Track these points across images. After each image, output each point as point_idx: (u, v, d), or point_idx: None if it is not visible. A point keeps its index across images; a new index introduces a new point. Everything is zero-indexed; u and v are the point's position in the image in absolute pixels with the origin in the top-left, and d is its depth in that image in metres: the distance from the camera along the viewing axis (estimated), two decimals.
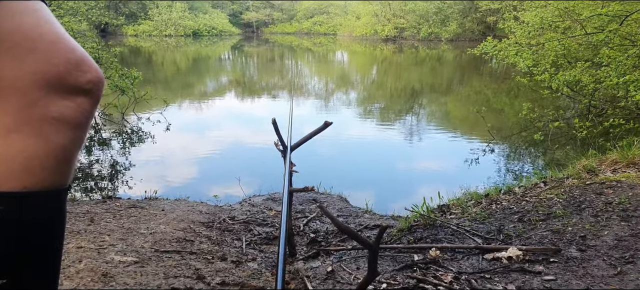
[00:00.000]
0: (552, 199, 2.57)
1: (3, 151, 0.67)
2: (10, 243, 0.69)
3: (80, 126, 0.75)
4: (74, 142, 0.75)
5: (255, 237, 2.72)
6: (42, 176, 0.71)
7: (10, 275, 0.69)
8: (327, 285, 1.84)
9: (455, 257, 2.01)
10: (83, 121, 0.75)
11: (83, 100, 0.74)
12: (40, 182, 0.71)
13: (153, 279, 1.80)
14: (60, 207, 0.77)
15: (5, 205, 0.67)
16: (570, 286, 1.60)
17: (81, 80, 0.73)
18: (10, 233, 0.69)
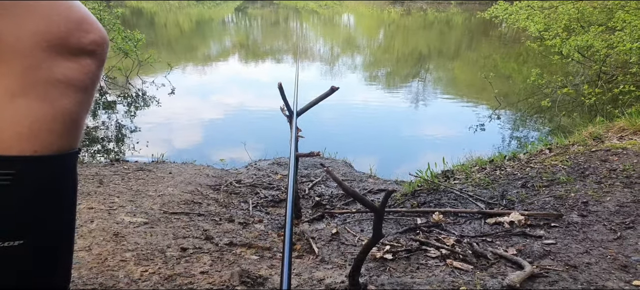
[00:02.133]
0: (557, 166, 2.59)
1: (10, 115, 0.69)
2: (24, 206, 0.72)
3: (86, 89, 0.75)
4: (80, 105, 0.76)
5: (261, 199, 2.78)
6: (51, 140, 0.72)
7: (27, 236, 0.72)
8: (331, 246, 1.90)
9: (458, 221, 2.06)
10: (88, 83, 0.76)
11: (87, 62, 0.74)
12: (49, 145, 0.72)
13: (163, 239, 1.87)
14: (71, 170, 0.80)
15: (17, 169, 0.70)
16: (569, 250, 1.64)
17: (84, 41, 0.73)
18: (24, 196, 0.71)
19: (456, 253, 1.67)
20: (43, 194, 0.74)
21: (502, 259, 1.62)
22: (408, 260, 1.66)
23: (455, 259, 1.63)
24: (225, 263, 1.68)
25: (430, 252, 1.70)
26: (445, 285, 1.41)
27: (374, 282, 1.44)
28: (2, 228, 0.69)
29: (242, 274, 1.50)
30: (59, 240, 0.79)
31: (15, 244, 0.70)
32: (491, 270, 1.55)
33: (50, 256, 0.76)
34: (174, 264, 1.64)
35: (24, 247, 0.71)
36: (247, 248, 1.91)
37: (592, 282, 1.40)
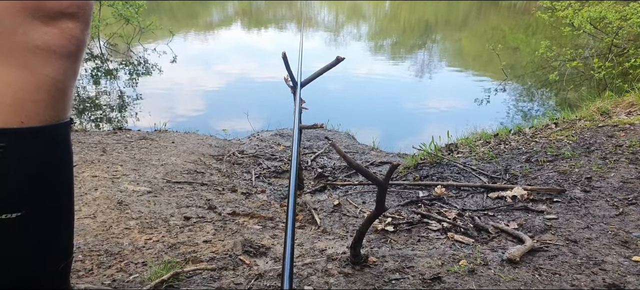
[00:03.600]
0: (562, 141, 2.59)
1: None
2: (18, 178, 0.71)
3: (70, 55, 0.72)
4: (65, 73, 0.72)
5: (264, 170, 2.80)
6: (37, 110, 0.70)
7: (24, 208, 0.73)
8: (333, 217, 1.93)
9: (460, 194, 2.08)
10: (72, 49, 0.72)
11: (69, 26, 0.70)
12: (36, 116, 0.70)
13: (166, 208, 1.90)
14: (62, 141, 0.78)
15: (5, 141, 0.68)
16: (570, 225, 1.67)
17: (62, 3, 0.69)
18: (16, 168, 0.70)
19: (457, 226, 1.70)
20: (36, 165, 0.73)
21: (503, 233, 1.64)
22: (409, 233, 1.69)
23: (456, 232, 1.65)
24: (228, 232, 1.71)
25: (431, 225, 1.73)
26: (445, 257, 1.44)
27: (375, 254, 1.47)
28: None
29: (244, 243, 1.53)
30: (57, 212, 0.79)
31: (13, 217, 0.70)
32: (492, 243, 1.58)
33: (49, 228, 0.77)
34: (178, 232, 1.67)
35: (23, 219, 0.71)
36: (250, 218, 1.94)
37: (591, 256, 1.42)
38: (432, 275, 1.31)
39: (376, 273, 1.33)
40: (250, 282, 1.27)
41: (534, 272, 1.34)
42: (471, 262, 1.39)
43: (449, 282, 1.28)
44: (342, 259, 1.41)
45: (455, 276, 1.32)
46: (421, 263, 1.39)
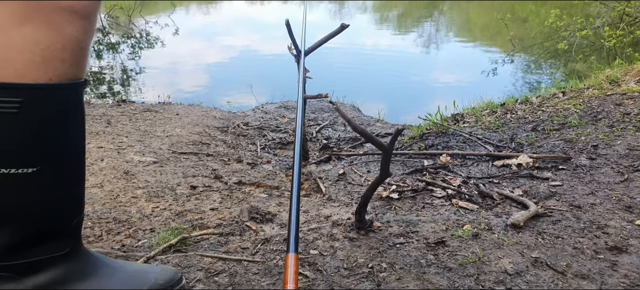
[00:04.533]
0: (569, 109, 2.59)
1: (20, 42, 0.71)
2: (37, 133, 0.76)
3: (88, 16, 0.78)
4: (85, 33, 0.78)
5: (269, 141, 2.83)
6: (63, 69, 0.76)
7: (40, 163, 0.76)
8: (338, 186, 1.96)
9: (465, 163, 2.10)
10: (91, 11, 0.78)
11: None
12: (62, 74, 0.76)
13: (172, 177, 1.93)
14: (80, 100, 0.84)
15: (32, 96, 0.73)
16: (575, 191, 1.68)
17: None
18: (36, 123, 0.75)
19: (462, 193, 1.72)
20: (55, 122, 0.78)
21: (508, 200, 1.66)
22: (414, 200, 1.72)
23: (460, 198, 1.68)
24: (235, 200, 1.75)
25: (436, 192, 1.75)
26: (450, 223, 1.46)
27: (380, 219, 1.50)
28: (15, 155, 0.73)
29: (251, 210, 1.56)
30: (71, 169, 0.83)
31: (28, 171, 0.74)
32: (496, 209, 1.60)
33: (63, 184, 0.81)
34: (184, 201, 1.71)
35: (38, 174, 0.75)
36: (256, 187, 1.97)
37: (595, 221, 1.44)
38: (436, 240, 1.33)
39: (380, 237, 1.36)
40: (256, 247, 1.31)
41: (537, 236, 1.37)
42: (475, 227, 1.41)
43: (452, 246, 1.31)
44: (347, 225, 1.44)
45: (459, 240, 1.34)
46: (425, 228, 1.42)
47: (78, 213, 0.86)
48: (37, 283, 0.79)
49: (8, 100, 0.71)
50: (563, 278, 1.15)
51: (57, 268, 0.81)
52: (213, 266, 1.19)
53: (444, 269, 1.19)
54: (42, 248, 0.79)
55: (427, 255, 1.26)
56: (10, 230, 0.76)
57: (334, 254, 1.27)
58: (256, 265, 1.21)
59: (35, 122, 0.74)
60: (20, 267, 0.78)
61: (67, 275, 0.83)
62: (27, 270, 0.79)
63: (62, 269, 0.82)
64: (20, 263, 0.77)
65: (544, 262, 1.22)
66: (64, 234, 0.82)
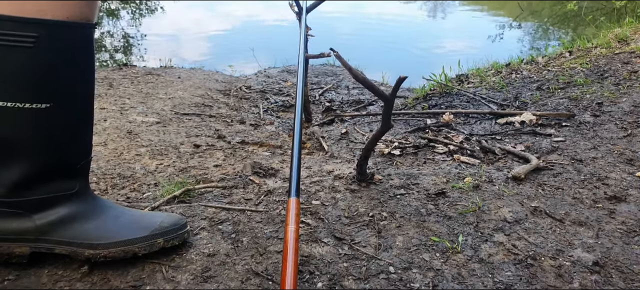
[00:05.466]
0: (575, 68, 2.58)
1: None
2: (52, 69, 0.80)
3: None
4: None
5: (271, 104, 2.84)
6: (79, 8, 0.80)
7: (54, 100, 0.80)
8: (341, 144, 1.99)
9: (468, 121, 2.11)
10: None
11: None
12: (78, 14, 0.80)
13: (175, 137, 1.96)
14: (91, 41, 0.88)
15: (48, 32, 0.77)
16: (577, 146, 1.70)
17: None
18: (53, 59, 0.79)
19: (464, 149, 1.74)
20: (69, 60, 0.82)
21: (510, 155, 1.68)
22: (415, 156, 1.74)
23: (462, 154, 1.70)
24: (238, 158, 1.78)
25: (437, 148, 1.77)
26: (450, 176, 1.49)
27: (381, 173, 1.53)
28: (29, 90, 0.77)
29: (254, 166, 1.60)
30: (83, 109, 0.86)
31: (42, 107, 0.77)
32: (498, 164, 1.62)
33: (74, 123, 0.84)
34: (188, 158, 1.74)
35: (51, 110, 0.78)
36: (259, 146, 2.00)
37: (595, 173, 1.46)
38: (437, 191, 1.36)
39: (381, 189, 1.39)
40: (259, 198, 1.34)
41: (537, 187, 1.39)
42: (476, 180, 1.44)
43: (453, 197, 1.34)
44: (348, 178, 1.47)
45: (459, 192, 1.37)
46: (426, 180, 1.45)
47: (86, 155, 0.89)
48: (46, 220, 0.83)
49: (25, 35, 0.74)
50: (561, 225, 1.18)
51: (65, 206, 0.85)
52: (217, 215, 1.22)
53: (444, 218, 1.22)
54: (52, 186, 0.83)
55: (427, 205, 1.29)
56: (22, 165, 0.79)
57: (335, 204, 1.31)
58: (259, 214, 1.24)
59: (50, 58, 0.78)
60: (30, 204, 0.81)
61: (75, 214, 0.86)
62: (37, 207, 0.82)
63: (71, 208, 0.86)
64: (30, 200, 0.81)
65: (543, 211, 1.25)
66: (72, 174, 0.86)
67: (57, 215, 0.84)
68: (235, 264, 1.02)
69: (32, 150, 0.80)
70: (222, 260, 1.02)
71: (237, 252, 1.06)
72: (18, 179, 0.79)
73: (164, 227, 0.98)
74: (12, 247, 0.85)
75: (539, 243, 1.10)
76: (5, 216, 0.82)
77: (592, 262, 1.01)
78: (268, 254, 1.06)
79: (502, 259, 1.04)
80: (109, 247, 0.89)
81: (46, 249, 0.88)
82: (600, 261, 1.02)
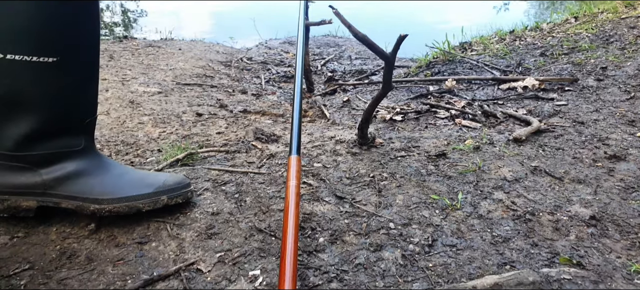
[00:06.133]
0: (580, 34, 2.57)
1: None
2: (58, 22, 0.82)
3: None
4: None
5: (273, 75, 2.85)
6: None
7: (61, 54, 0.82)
8: (343, 111, 2.00)
9: (471, 87, 2.12)
10: None
11: None
12: None
13: (178, 106, 1.98)
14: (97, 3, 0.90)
15: None
16: (579, 109, 1.71)
17: None
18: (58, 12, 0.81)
19: (466, 113, 1.75)
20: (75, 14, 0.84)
21: (511, 118, 1.70)
22: (417, 121, 1.76)
23: (464, 118, 1.71)
24: (240, 126, 1.80)
25: (439, 113, 1.79)
26: (451, 138, 1.51)
27: (382, 137, 1.55)
28: (36, 43, 0.78)
29: (256, 132, 1.62)
30: (89, 64, 0.88)
31: (49, 61, 0.79)
32: (499, 127, 1.64)
33: (80, 78, 0.86)
34: (191, 126, 1.76)
35: (58, 65, 0.80)
36: (261, 115, 2.02)
37: (596, 134, 1.48)
38: (438, 152, 1.38)
39: (382, 152, 1.41)
40: (262, 161, 1.37)
41: (538, 148, 1.41)
42: (477, 142, 1.46)
43: (453, 158, 1.36)
44: (350, 142, 1.50)
45: (460, 153, 1.39)
46: (427, 143, 1.47)
47: (92, 112, 0.91)
48: (52, 175, 0.86)
49: None
50: (560, 183, 1.20)
51: (71, 162, 0.88)
52: (220, 177, 1.25)
53: (444, 177, 1.25)
54: (59, 142, 0.86)
55: (428, 165, 1.32)
56: (30, 120, 0.82)
57: (336, 166, 1.33)
58: (262, 176, 1.27)
59: (57, 10, 0.79)
60: (37, 159, 0.84)
61: (81, 170, 0.89)
62: (43, 162, 0.85)
63: (77, 164, 0.89)
64: (37, 154, 0.84)
65: (542, 170, 1.27)
66: (79, 131, 0.88)
67: (63, 171, 0.87)
68: (239, 221, 1.05)
69: (39, 105, 0.82)
70: (226, 219, 1.06)
71: (241, 210, 1.09)
72: (26, 133, 0.82)
73: (168, 185, 1.01)
74: (19, 201, 0.88)
75: (537, 200, 1.12)
76: (13, 170, 0.85)
77: (589, 217, 1.04)
78: (271, 212, 1.09)
79: (501, 215, 1.07)
80: (113, 203, 0.92)
81: (53, 203, 0.91)
82: (597, 215, 1.04)
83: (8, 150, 0.84)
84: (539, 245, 0.95)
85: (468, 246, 0.95)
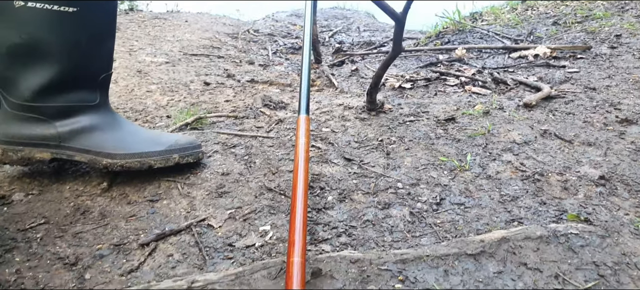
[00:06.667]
0: (595, 2, 2.53)
1: None
2: None
3: None
4: None
5: (280, 47, 2.85)
6: None
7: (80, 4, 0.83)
8: (351, 80, 2.01)
9: (481, 56, 2.11)
10: None
11: None
12: None
13: (185, 75, 2.00)
14: None
15: None
16: (591, 76, 1.70)
17: None
18: None
19: (475, 80, 1.75)
20: None
21: (522, 85, 1.69)
22: (426, 88, 1.76)
23: (474, 85, 1.71)
24: (248, 94, 1.81)
25: (449, 81, 1.79)
26: (461, 104, 1.51)
27: (391, 103, 1.56)
28: None
29: (264, 99, 1.63)
30: (107, 18, 0.90)
31: (69, 11, 0.80)
32: (509, 94, 1.64)
33: (98, 32, 0.88)
34: (199, 94, 1.78)
35: (77, 16, 0.82)
36: (269, 84, 2.03)
37: (608, 100, 1.48)
38: (447, 117, 1.39)
39: (391, 117, 1.42)
40: (271, 126, 1.39)
41: (548, 113, 1.41)
42: (487, 107, 1.46)
43: (462, 123, 1.37)
44: (358, 108, 1.51)
45: (469, 117, 1.40)
46: (436, 109, 1.48)
47: (107, 68, 0.93)
48: (67, 128, 0.88)
49: None
50: (570, 145, 1.21)
51: (86, 117, 0.90)
52: (229, 141, 1.27)
53: (453, 141, 1.26)
54: (74, 95, 0.88)
55: (437, 129, 1.33)
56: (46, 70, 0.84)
57: (345, 131, 1.34)
58: (271, 140, 1.29)
59: None
60: (52, 111, 0.86)
61: (95, 124, 0.91)
62: (58, 114, 0.87)
63: (91, 119, 0.91)
64: (52, 106, 0.86)
65: (552, 133, 1.27)
66: (94, 86, 0.90)
67: (78, 125, 0.89)
68: (249, 181, 1.07)
69: (57, 56, 0.84)
70: (236, 179, 1.08)
71: (250, 171, 1.11)
72: (42, 84, 0.84)
73: (180, 144, 1.03)
74: (33, 152, 0.91)
75: (546, 161, 1.13)
76: (29, 121, 0.87)
77: (599, 177, 1.05)
78: (280, 173, 1.11)
79: (509, 175, 1.08)
80: (126, 158, 0.94)
81: (66, 156, 0.93)
82: (607, 175, 1.05)
83: (25, 100, 0.86)
84: (547, 204, 0.96)
85: (476, 205, 0.97)
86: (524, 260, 0.78)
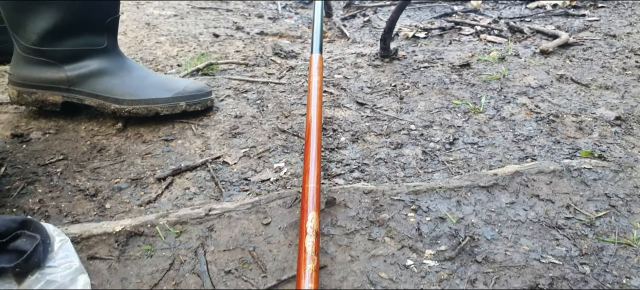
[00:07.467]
0: None
1: None
2: None
3: None
4: None
5: (290, 1, 2.83)
6: None
7: None
8: (363, 31, 2.00)
9: (497, 7, 2.09)
10: None
11: None
12: None
13: (194, 28, 2.00)
14: None
15: None
16: (611, 24, 1.68)
17: None
18: None
19: (491, 29, 1.74)
20: None
21: (539, 33, 1.68)
22: (441, 38, 1.75)
23: (489, 34, 1.70)
24: (258, 45, 1.82)
25: (464, 30, 1.78)
26: (476, 51, 1.51)
27: (405, 50, 1.56)
28: None
29: (275, 48, 1.64)
30: None
31: None
32: (525, 42, 1.63)
33: None
34: (208, 45, 1.79)
35: None
36: (279, 37, 2.03)
37: (628, 46, 1.47)
38: (461, 63, 1.40)
39: (405, 64, 1.43)
40: (282, 72, 1.40)
41: (565, 59, 1.41)
42: (502, 54, 1.46)
43: (477, 68, 1.37)
44: (371, 55, 1.51)
45: (484, 63, 1.40)
46: (451, 56, 1.48)
47: (114, 11, 0.95)
48: (76, 72, 0.91)
49: None
50: (586, 89, 1.21)
51: (94, 61, 0.92)
52: (241, 86, 1.29)
53: (468, 85, 1.27)
54: (81, 39, 0.89)
55: (451, 75, 1.33)
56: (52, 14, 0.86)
57: (357, 77, 1.36)
58: (282, 86, 1.30)
59: None
60: (60, 55, 0.88)
61: (104, 69, 0.94)
62: (67, 58, 0.90)
63: (100, 63, 0.93)
64: (60, 50, 0.88)
65: (568, 78, 1.28)
66: (101, 29, 0.92)
67: (86, 69, 0.92)
68: (262, 123, 1.09)
69: None
70: (249, 121, 1.10)
71: (263, 114, 1.14)
72: (48, 28, 0.86)
73: (188, 92, 1.05)
74: (46, 95, 0.93)
75: (562, 104, 1.14)
76: (39, 64, 0.90)
77: (614, 117, 1.05)
78: (293, 116, 1.13)
79: (524, 117, 1.09)
80: (133, 104, 0.96)
81: (77, 99, 0.96)
82: (623, 116, 1.06)
83: (33, 44, 0.89)
84: (561, 142, 0.97)
85: (490, 144, 0.99)
86: (536, 192, 0.80)
